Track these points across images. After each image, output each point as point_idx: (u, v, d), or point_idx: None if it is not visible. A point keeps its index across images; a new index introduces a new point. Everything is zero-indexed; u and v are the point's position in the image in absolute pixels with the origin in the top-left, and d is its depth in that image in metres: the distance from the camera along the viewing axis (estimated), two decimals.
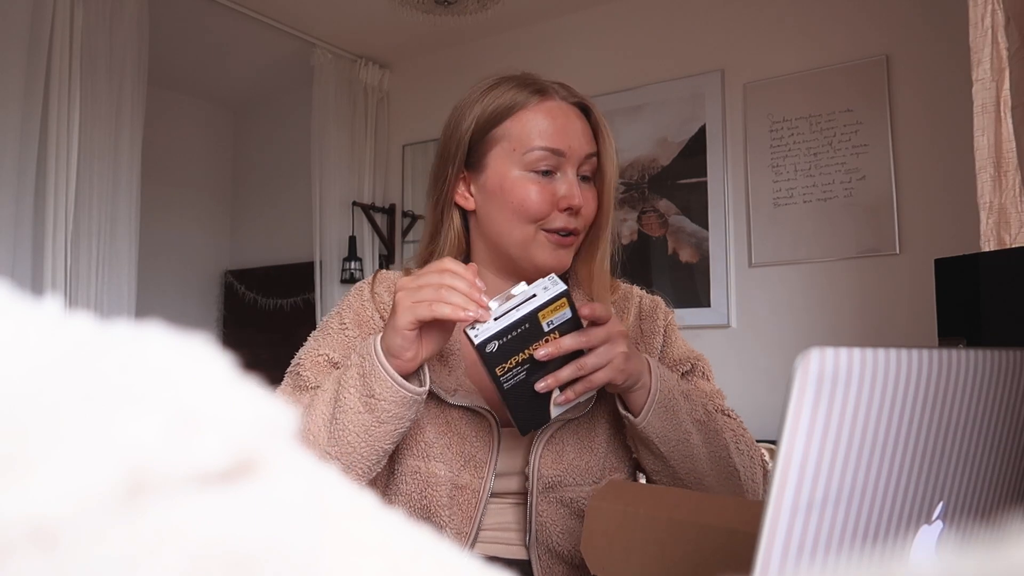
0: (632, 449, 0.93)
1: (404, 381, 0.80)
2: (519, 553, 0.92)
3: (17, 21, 2.49)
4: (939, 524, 0.42)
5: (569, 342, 0.79)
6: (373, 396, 0.80)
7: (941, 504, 0.42)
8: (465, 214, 1.00)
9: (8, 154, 2.48)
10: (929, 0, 2.55)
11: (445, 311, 0.75)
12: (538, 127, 0.92)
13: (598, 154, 0.95)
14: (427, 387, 0.83)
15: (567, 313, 0.78)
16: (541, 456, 0.90)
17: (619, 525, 0.65)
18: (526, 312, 0.76)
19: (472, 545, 0.91)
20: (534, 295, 0.77)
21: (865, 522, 0.36)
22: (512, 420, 0.83)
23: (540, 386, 0.80)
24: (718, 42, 2.95)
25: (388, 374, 0.79)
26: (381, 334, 0.81)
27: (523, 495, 0.93)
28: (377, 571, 0.17)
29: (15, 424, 0.14)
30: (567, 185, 0.91)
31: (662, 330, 1.01)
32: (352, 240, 3.60)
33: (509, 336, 0.76)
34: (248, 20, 3.27)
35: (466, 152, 0.96)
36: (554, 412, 0.83)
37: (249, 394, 0.17)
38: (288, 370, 0.96)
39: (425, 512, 0.91)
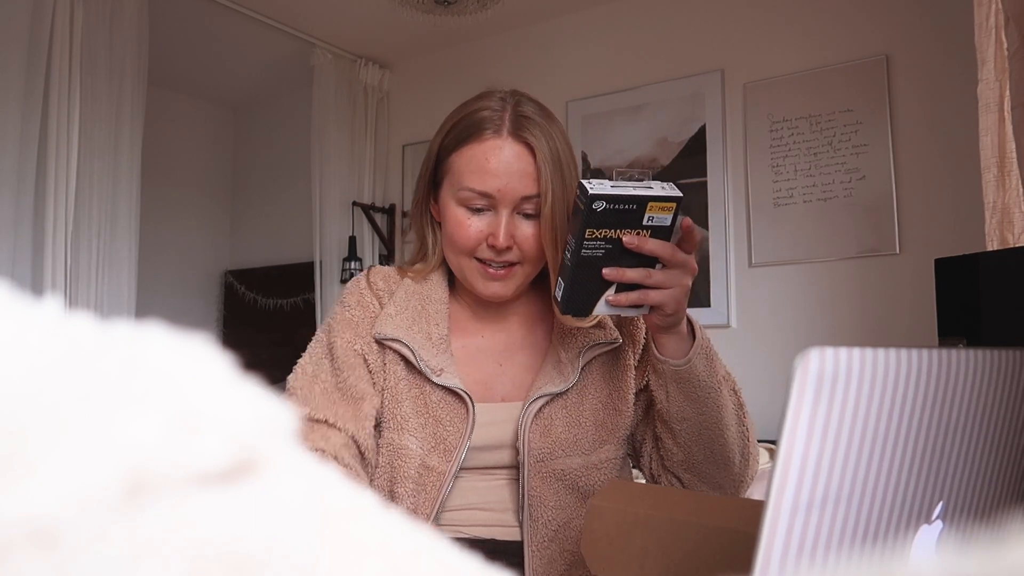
0: (659, 399, 0.93)
1: None
2: (513, 534, 0.93)
3: (17, 21, 2.49)
4: (939, 524, 0.42)
5: (654, 245, 0.81)
6: None
7: (941, 504, 0.42)
8: None
9: (8, 154, 2.48)
10: (929, 0, 2.55)
11: None
12: (472, 167, 0.94)
13: (541, 194, 0.94)
14: None
15: (667, 220, 0.81)
16: (530, 430, 0.93)
17: (619, 525, 0.65)
18: (640, 194, 0.78)
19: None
20: (651, 187, 0.80)
21: (865, 522, 0.36)
22: (561, 296, 0.84)
23: (607, 271, 0.82)
24: (718, 42, 2.95)
25: None
26: None
27: (515, 469, 0.95)
28: (377, 571, 0.17)
29: (15, 424, 0.14)
30: (495, 224, 0.94)
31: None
32: (352, 240, 3.60)
33: (616, 206, 0.78)
34: (248, 20, 3.27)
35: (433, 171, 1.01)
36: (599, 308, 0.85)
37: (249, 394, 0.17)
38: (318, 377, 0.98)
39: (390, 484, 0.94)
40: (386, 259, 3.73)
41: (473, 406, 0.93)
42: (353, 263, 3.58)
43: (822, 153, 2.70)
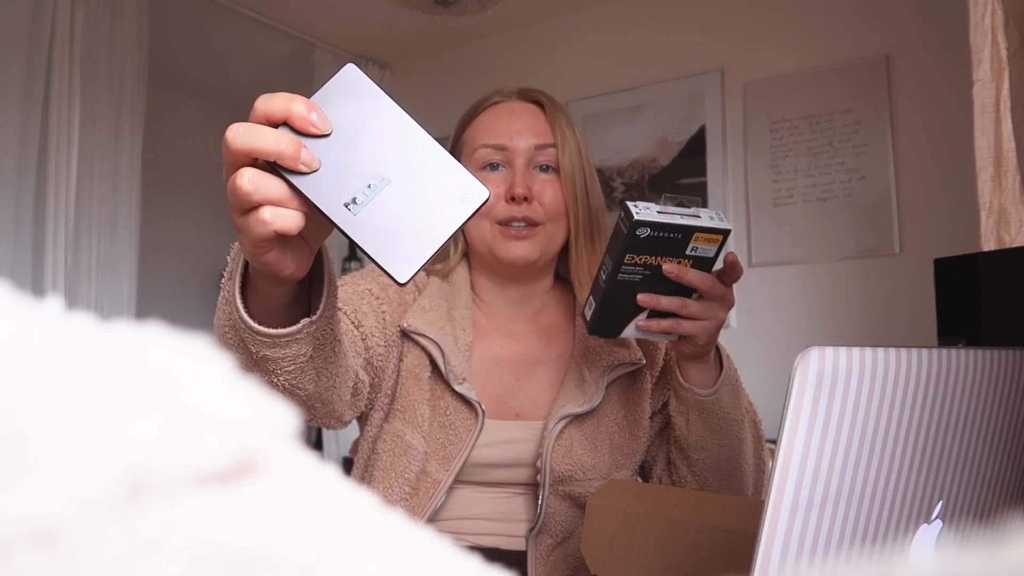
0: (679, 426, 0.91)
1: (279, 331, 0.63)
2: (518, 544, 0.92)
3: (17, 21, 2.49)
4: (939, 523, 0.42)
5: (694, 277, 0.78)
6: (252, 355, 0.65)
7: (941, 504, 0.42)
8: None
9: (8, 154, 2.48)
10: (929, 0, 2.55)
11: (287, 222, 0.54)
12: (484, 127, 0.97)
13: (556, 144, 0.95)
14: (321, 311, 0.65)
15: (711, 251, 0.78)
16: (552, 451, 0.91)
17: (619, 525, 0.65)
18: (687, 223, 0.75)
19: None
20: (699, 216, 0.77)
21: (865, 522, 0.36)
22: (591, 316, 0.81)
23: (641, 298, 0.79)
24: (718, 42, 2.95)
25: (253, 331, 0.63)
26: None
27: (530, 486, 0.94)
28: (377, 571, 0.17)
29: (15, 424, 0.14)
30: (511, 176, 0.94)
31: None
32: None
33: (660, 234, 0.75)
34: (248, 20, 3.27)
35: None
36: (628, 331, 0.82)
37: (249, 394, 0.17)
38: None
39: (367, 465, 0.92)
40: None
41: (483, 421, 0.91)
42: (353, 263, 3.58)
43: (822, 153, 2.70)
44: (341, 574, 0.17)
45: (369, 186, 0.54)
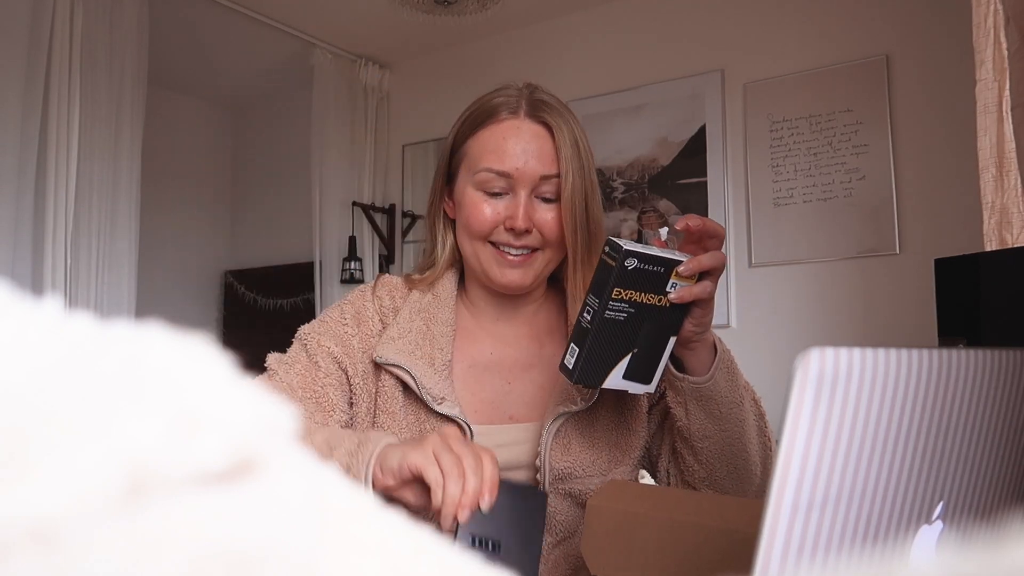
0: (679, 417, 0.91)
1: None
2: None
3: (17, 21, 2.49)
4: (939, 524, 0.42)
5: (699, 288, 0.81)
6: None
7: (941, 504, 0.42)
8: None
9: (8, 154, 2.48)
10: (930, 0, 2.55)
11: (448, 495, 0.69)
12: (490, 147, 0.93)
13: (560, 174, 0.93)
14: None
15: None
16: (550, 449, 0.91)
17: (619, 525, 0.65)
18: (669, 256, 0.78)
19: None
20: (675, 252, 0.80)
21: (865, 522, 0.36)
22: (574, 363, 0.81)
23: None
24: (718, 42, 2.95)
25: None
26: (384, 444, 0.76)
27: None
28: (377, 571, 0.17)
29: (15, 424, 0.14)
30: (514, 207, 0.92)
31: None
32: (352, 240, 3.60)
33: (646, 267, 0.77)
34: (248, 20, 3.27)
35: (447, 164, 0.99)
36: (610, 381, 0.82)
37: (249, 394, 0.17)
38: (279, 357, 0.98)
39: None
40: (386, 259, 3.73)
41: (471, 435, 0.90)
42: (353, 263, 3.58)
43: (822, 153, 2.70)
44: (341, 574, 0.16)
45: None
